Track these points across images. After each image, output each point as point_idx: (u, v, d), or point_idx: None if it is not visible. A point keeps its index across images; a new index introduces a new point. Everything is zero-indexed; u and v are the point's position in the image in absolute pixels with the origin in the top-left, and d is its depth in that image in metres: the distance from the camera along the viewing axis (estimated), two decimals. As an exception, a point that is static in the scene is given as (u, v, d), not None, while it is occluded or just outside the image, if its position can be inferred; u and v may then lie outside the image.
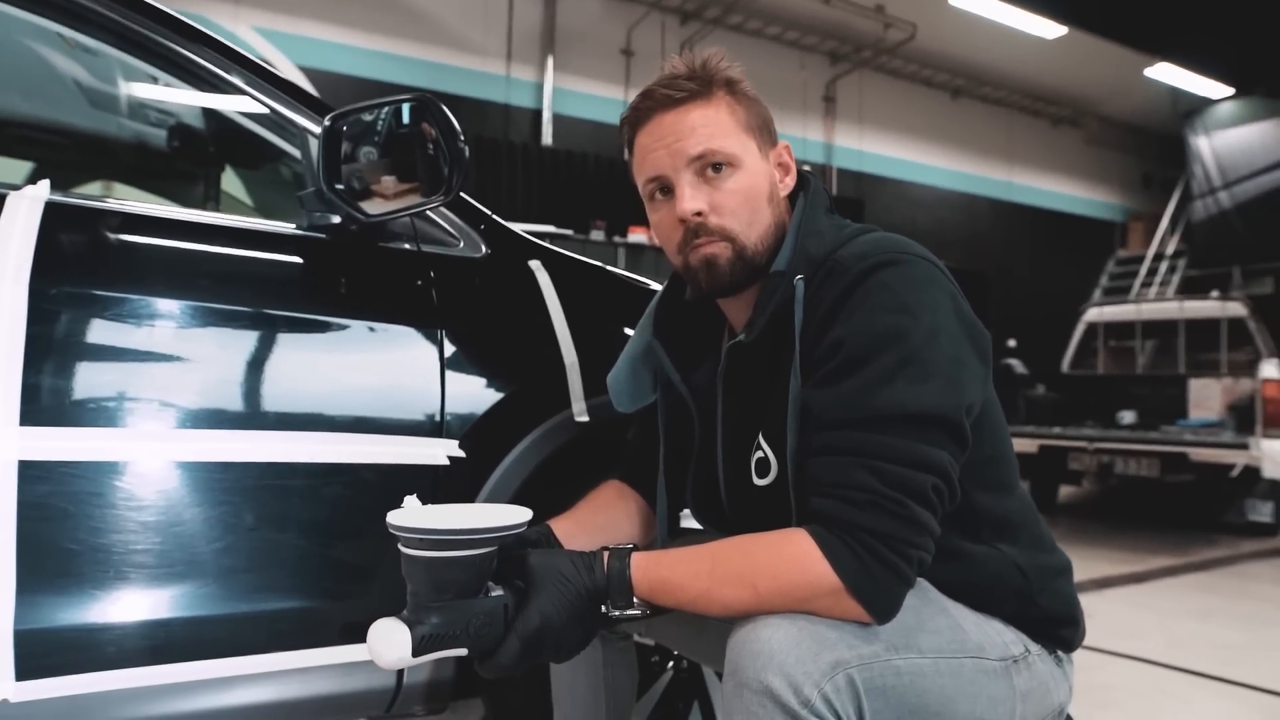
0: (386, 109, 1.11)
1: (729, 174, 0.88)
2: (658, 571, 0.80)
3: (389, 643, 0.74)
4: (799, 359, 0.84)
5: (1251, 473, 4.34)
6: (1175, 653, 2.60)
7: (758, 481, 0.90)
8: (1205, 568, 4.01)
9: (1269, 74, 9.90)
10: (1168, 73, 10.03)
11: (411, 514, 0.79)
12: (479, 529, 0.76)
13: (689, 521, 1.12)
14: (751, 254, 0.89)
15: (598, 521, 1.04)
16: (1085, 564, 3.85)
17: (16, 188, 0.99)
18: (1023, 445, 4.88)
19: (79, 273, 0.98)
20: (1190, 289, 10.30)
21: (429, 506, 0.84)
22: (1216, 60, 9.85)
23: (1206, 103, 10.75)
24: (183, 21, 1.16)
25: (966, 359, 0.82)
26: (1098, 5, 8.44)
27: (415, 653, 0.74)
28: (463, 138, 1.09)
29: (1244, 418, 4.68)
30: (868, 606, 0.74)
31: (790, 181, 0.95)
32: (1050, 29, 8.82)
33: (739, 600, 0.76)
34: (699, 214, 0.88)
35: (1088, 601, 0.93)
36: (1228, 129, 10.64)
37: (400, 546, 0.77)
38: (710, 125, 0.88)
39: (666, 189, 0.90)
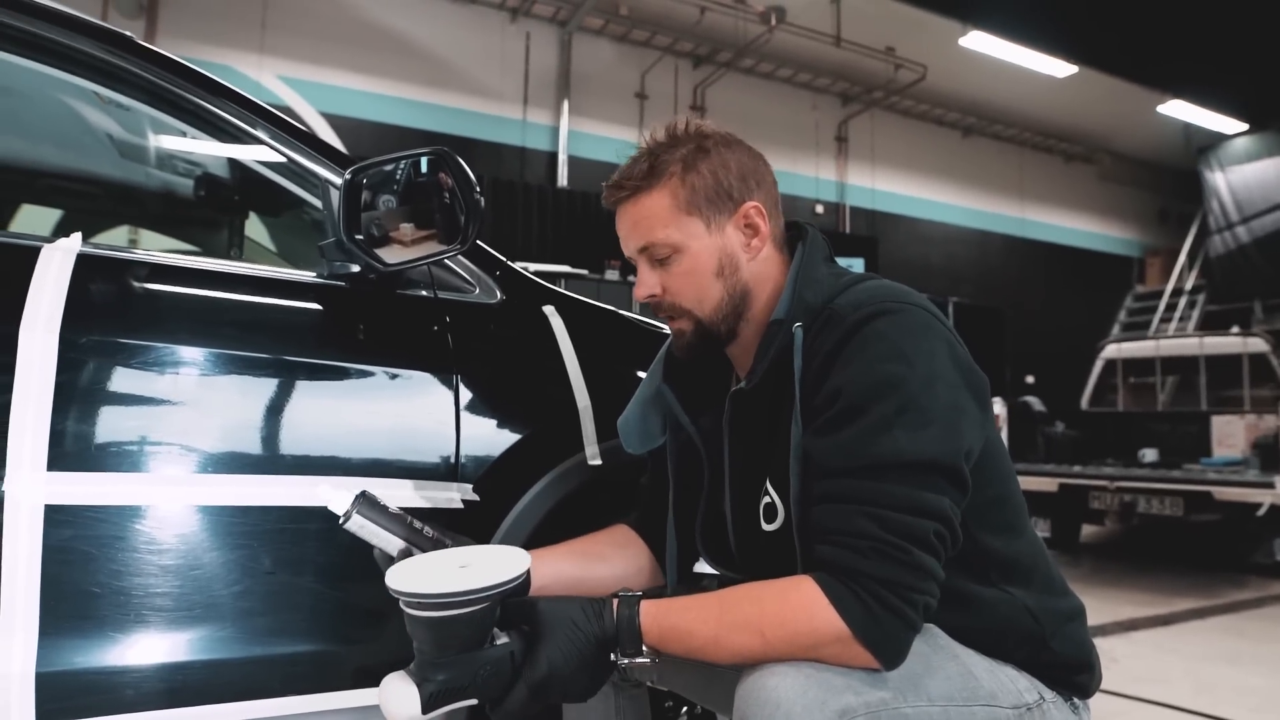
0: (405, 161, 1.14)
1: (673, 259, 0.94)
2: (667, 619, 0.80)
3: (399, 700, 0.75)
4: (799, 406, 0.85)
5: (1278, 512, 4.25)
6: (1202, 699, 2.53)
7: (766, 526, 0.91)
8: (1233, 610, 3.92)
9: (1282, 109, 9.92)
10: (1180, 109, 10.07)
11: (411, 573, 0.80)
12: (478, 589, 0.76)
13: (701, 567, 1.12)
14: (709, 324, 0.95)
15: (592, 552, 1.08)
16: (1109, 606, 3.77)
17: (50, 240, 1.03)
18: (1042, 484, 4.82)
19: (107, 321, 1.02)
20: (1210, 324, 10.22)
21: (428, 557, 0.85)
22: (1229, 97, 9.90)
23: (1220, 138, 10.77)
24: (209, 78, 1.20)
25: (964, 404, 0.83)
26: (1108, 44, 8.53)
27: (425, 709, 0.75)
28: (479, 189, 1.13)
29: (1269, 455, 4.60)
30: (875, 653, 0.74)
31: (759, 241, 0.95)
32: (1060, 68, 8.91)
33: (747, 647, 0.76)
34: (652, 297, 0.95)
35: (1112, 645, 0.92)
36: (1243, 164, 10.64)
37: (402, 606, 0.78)
38: (650, 218, 0.93)
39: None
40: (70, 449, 0.95)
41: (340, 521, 0.92)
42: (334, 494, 0.94)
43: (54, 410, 0.94)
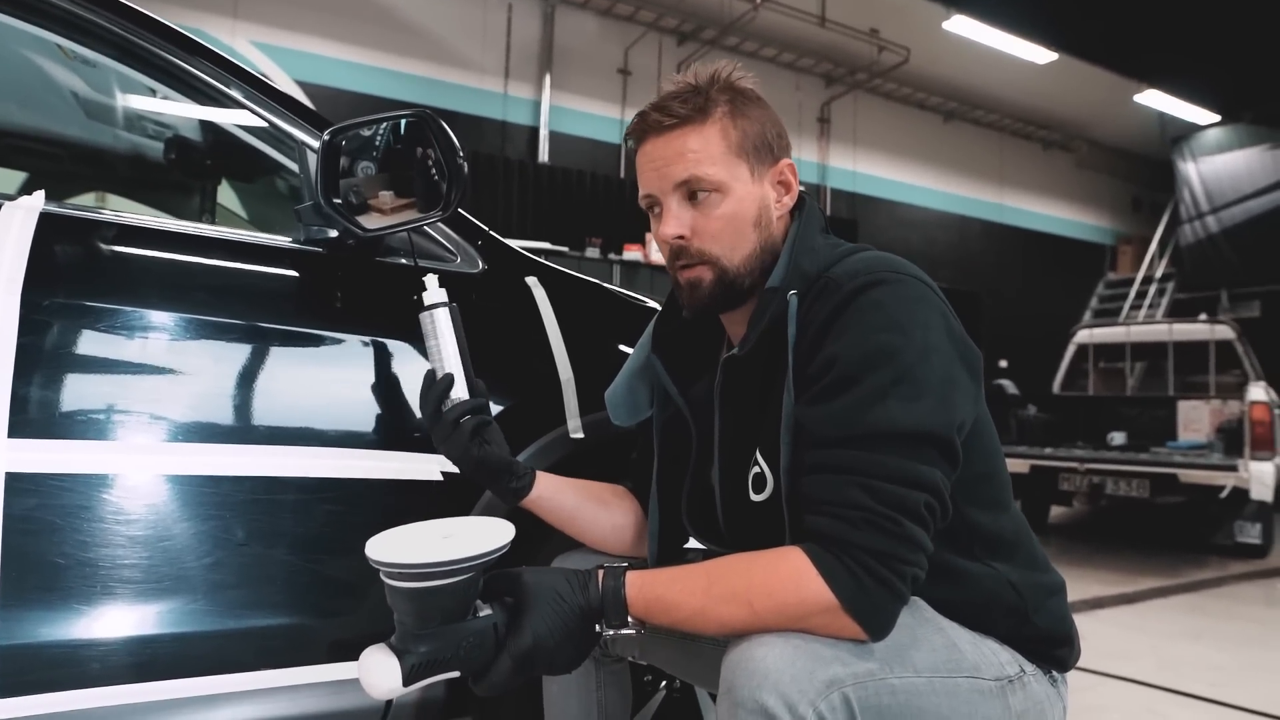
0: (385, 124, 1.11)
1: (715, 200, 0.90)
2: (653, 590, 0.79)
3: (380, 673, 0.74)
4: (792, 374, 0.84)
5: (1240, 494, 4.36)
6: (1166, 674, 2.60)
7: (754, 497, 0.90)
8: (1195, 589, 4.02)
9: (1255, 102, 10.06)
10: (1156, 99, 10.18)
11: (391, 544, 0.78)
12: (460, 559, 0.74)
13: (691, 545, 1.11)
14: (734, 277, 0.91)
15: (594, 493, 1.08)
16: (1077, 585, 3.85)
17: (11, 198, 0.99)
18: (1014, 465, 4.90)
19: (72, 284, 0.98)
20: (1179, 312, 10.43)
21: (408, 528, 0.83)
22: (1203, 88, 10.02)
23: (1194, 129, 10.91)
24: (182, 35, 1.16)
25: (958, 377, 0.82)
26: (1087, 32, 8.58)
27: (406, 682, 0.74)
28: (461, 154, 1.10)
29: (1232, 440, 4.71)
30: (863, 623, 0.74)
31: (789, 200, 0.95)
32: (1041, 55, 8.96)
33: (735, 618, 0.76)
34: (680, 238, 0.90)
35: (1080, 622, 0.93)
36: (1214, 155, 10.79)
37: (382, 577, 0.76)
38: (699, 151, 0.89)
39: (658, 206, 0.93)
40: (33, 415, 0.92)
41: (424, 308, 0.99)
42: (435, 285, 1.00)
43: (15, 375, 0.90)
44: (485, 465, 0.97)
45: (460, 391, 0.98)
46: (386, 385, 1.13)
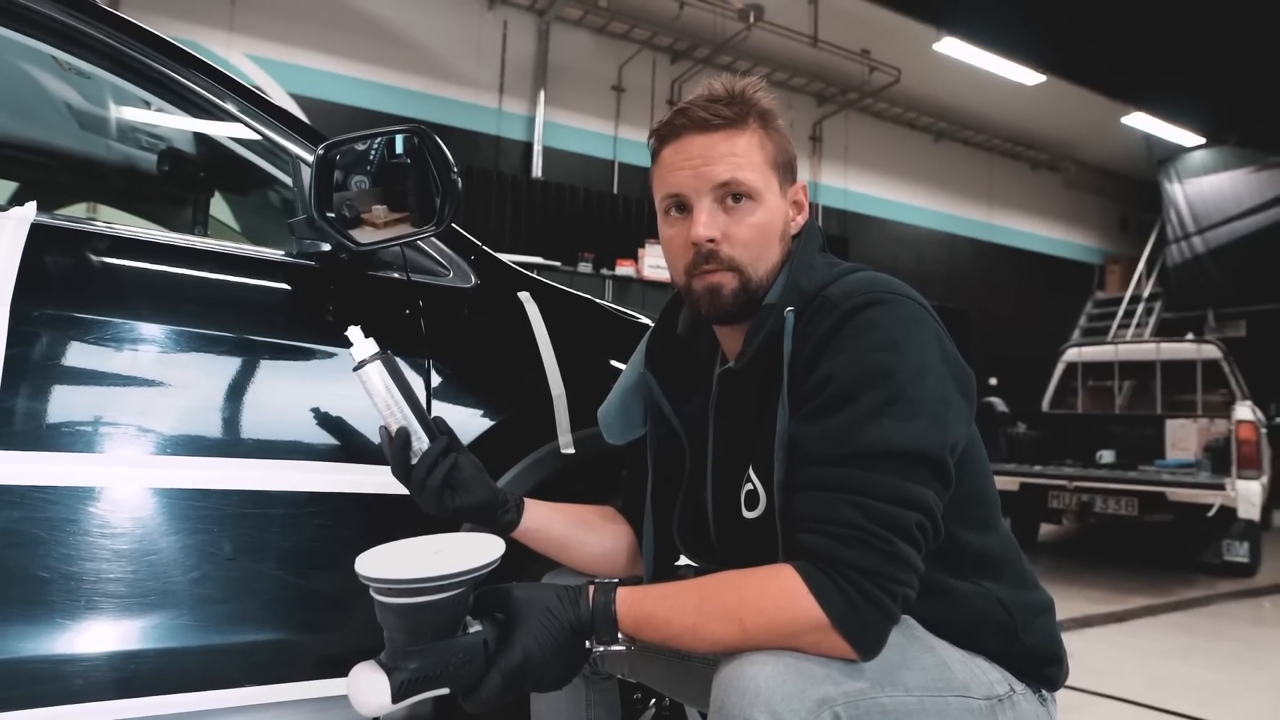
0: (380, 139, 1.11)
1: (749, 207, 0.90)
2: (644, 607, 0.79)
3: (369, 690, 0.73)
4: (787, 391, 0.84)
5: (1227, 513, 4.38)
6: (1154, 693, 2.60)
7: (747, 514, 0.90)
8: (1183, 607, 4.03)
9: (1240, 124, 10.21)
10: (1143, 121, 10.33)
11: (380, 559, 0.78)
12: (450, 575, 0.74)
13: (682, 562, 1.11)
14: (755, 287, 0.91)
15: (583, 518, 1.07)
16: (1066, 603, 3.85)
17: (3, 208, 0.99)
18: (1004, 483, 4.91)
19: (63, 295, 0.97)
20: (1166, 331, 10.52)
21: (398, 544, 0.83)
22: (1190, 110, 10.17)
23: (1180, 150, 11.05)
24: (178, 48, 1.16)
25: (952, 398, 0.82)
26: (1076, 55, 8.70)
27: (395, 699, 0.73)
28: (455, 170, 1.10)
29: (1219, 458, 4.73)
30: (853, 642, 0.73)
31: (801, 220, 0.97)
32: (1030, 76, 9.08)
33: (725, 636, 0.75)
34: (712, 241, 0.89)
35: (1068, 640, 0.93)
36: (1201, 177, 10.94)
37: (372, 593, 0.76)
38: (740, 156, 0.90)
39: (683, 207, 0.92)
40: (20, 427, 0.91)
41: (354, 367, 0.93)
42: (361, 339, 0.93)
43: (2, 385, 0.90)
44: (464, 513, 0.95)
45: (420, 441, 0.93)
46: (378, 399, 1.12)
